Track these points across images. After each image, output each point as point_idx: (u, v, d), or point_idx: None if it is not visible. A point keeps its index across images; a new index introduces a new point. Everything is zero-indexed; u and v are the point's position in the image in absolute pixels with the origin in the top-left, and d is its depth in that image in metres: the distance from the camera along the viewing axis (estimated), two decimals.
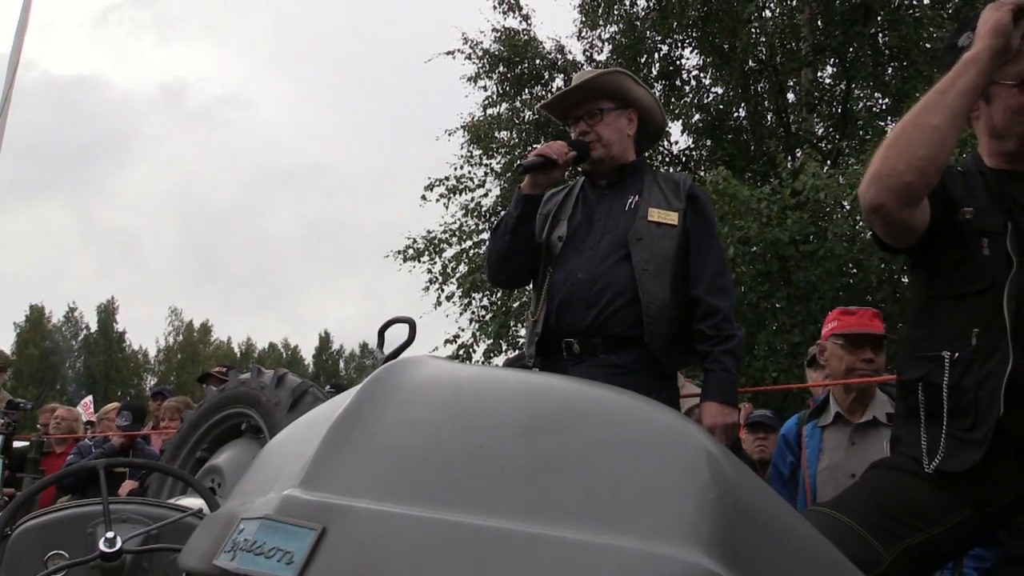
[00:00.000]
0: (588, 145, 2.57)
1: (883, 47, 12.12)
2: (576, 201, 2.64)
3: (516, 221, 2.53)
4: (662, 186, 2.56)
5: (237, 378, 4.29)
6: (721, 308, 2.38)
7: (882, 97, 12.81)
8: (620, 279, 2.40)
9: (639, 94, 2.64)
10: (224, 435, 4.28)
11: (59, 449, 5.94)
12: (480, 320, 12.44)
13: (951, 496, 1.59)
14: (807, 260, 8.65)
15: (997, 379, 1.57)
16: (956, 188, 1.74)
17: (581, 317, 2.41)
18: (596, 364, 2.38)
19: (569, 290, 2.45)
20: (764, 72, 12.84)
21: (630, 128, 2.63)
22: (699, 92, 13.57)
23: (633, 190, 2.55)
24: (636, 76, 2.69)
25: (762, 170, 12.24)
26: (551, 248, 2.56)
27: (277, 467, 0.88)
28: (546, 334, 2.49)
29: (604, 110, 2.57)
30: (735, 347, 2.38)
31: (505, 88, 13.37)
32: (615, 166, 2.59)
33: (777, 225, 8.28)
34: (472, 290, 12.16)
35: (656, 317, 2.37)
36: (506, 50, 13.06)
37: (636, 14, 13.29)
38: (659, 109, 2.71)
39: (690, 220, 2.49)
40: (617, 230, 2.48)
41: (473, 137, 13.07)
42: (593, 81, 2.58)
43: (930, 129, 1.57)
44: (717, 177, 8.36)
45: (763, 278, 8.83)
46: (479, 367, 0.95)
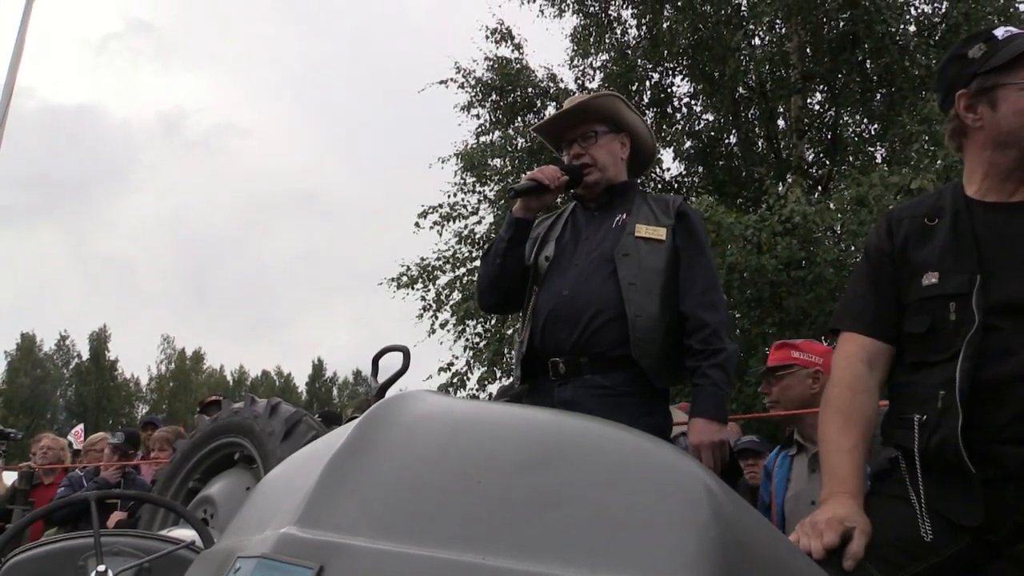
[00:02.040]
0: (582, 169, 2.56)
1: (870, 74, 12.25)
2: (565, 223, 2.63)
3: (507, 244, 2.51)
4: (652, 205, 2.54)
5: (230, 407, 4.26)
6: (710, 322, 2.32)
7: (870, 123, 12.94)
8: (605, 295, 2.36)
9: (631, 119, 2.64)
10: (217, 465, 4.24)
11: (48, 480, 5.87)
12: (474, 347, 12.40)
13: (951, 526, 1.59)
14: (798, 286, 8.67)
15: (953, 438, 1.56)
16: (921, 251, 1.73)
17: (566, 335, 2.36)
18: (582, 385, 2.33)
19: (554, 308, 2.40)
20: (754, 99, 12.94)
21: (623, 152, 2.63)
22: (690, 119, 13.67)
23: (622, 209, 2.54)
24: (627, 100, 2.68)
25: (753, 196, 12.31)
26: (538, 269, 2.54)
27: (273, 503, 0.87)
28: (531, 354, 2.45)
29: (598, 133, 2.57)
30: (724, 361, 2.30)
31: (498, 116, 13.44)
32: (606, 188, 2.58)
33: (767, 251, 8.31)
34: (466, 317, 12.13)
35: (644, 331, 2.31)
36: (499, 79, 13.15)
37: (627, 43, 13.43)
38: (650, 135, 2.70)
39: (679, 236, 2.45)
40: (604, 247, 2.45)
41: (466, 165, 13.11)
42: (587, 104, 2.58)
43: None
44: (702, 205, 8.40)
45: (754, 304, 8.85)
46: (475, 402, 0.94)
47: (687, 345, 2.34)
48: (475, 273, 12.71)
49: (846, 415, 1.68)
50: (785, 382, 3.14)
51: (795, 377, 3.13)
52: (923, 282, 1.69)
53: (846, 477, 1.60)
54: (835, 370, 1.79)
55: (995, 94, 1.68)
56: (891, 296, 1.75)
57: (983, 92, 1.70)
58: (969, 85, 1.72)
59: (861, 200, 8.29)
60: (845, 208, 8.58)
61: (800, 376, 3.13)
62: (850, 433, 1.66)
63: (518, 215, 2.52)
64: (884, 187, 8.14)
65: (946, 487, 1.60)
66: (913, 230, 1.76)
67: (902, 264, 1.74)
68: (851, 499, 1.56)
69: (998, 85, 1.66)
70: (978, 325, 1.59)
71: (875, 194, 8.08)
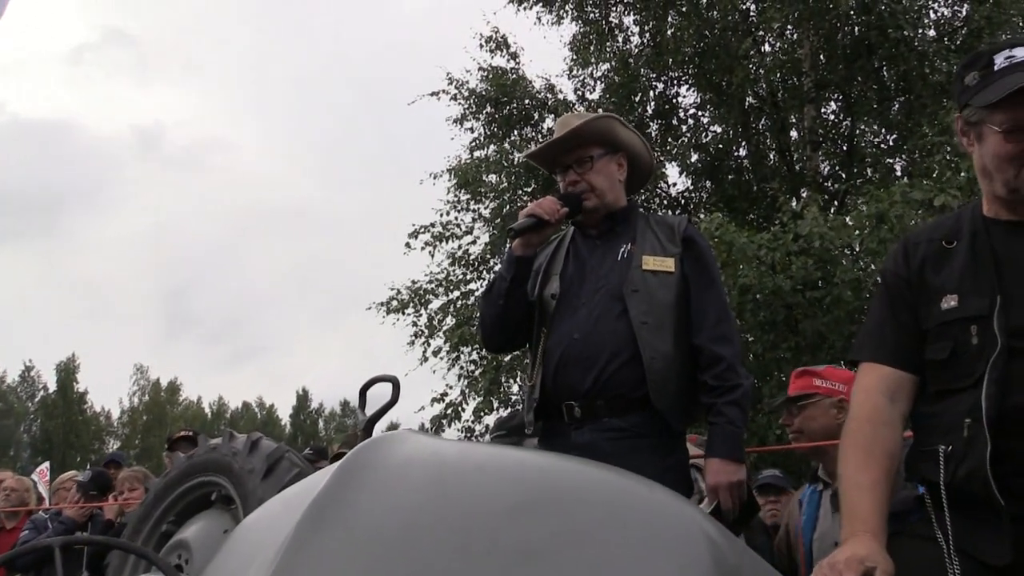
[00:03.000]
0: (580, 197, 2.59)
1: (887, 81, 12.34)
2: (567, 254, 2.65)
3: (510, 285, 2.54)
4: (656, 230, 2.58)
5: (207, 443, 4.23)
6: (724, 356, 2.38)
7: (888, 133, 13.01)
8: (618, 336, 2.41)
9: (628, 137, 2.68)
10: (192, 506, 4.21)
11: (10, 524, 5.82)
12: (469, 376, 12.37)
13: (980, 566, 1.59)
14: (814, 308, 8.68)
15: (981, 469, 1.57)
16: (939, 274, 1.76)
17: (580, 379, 2.41)
18: (599, 428, 2.38)
19: (565, 351, 2.45)
20: (765, 109, 13.02)
21: (620, 173, 2.67)
22: (697, 131, 13.74)
23: (625, 237, 2.58)
24: (624, 119, 2.73)
25: (765, 213, 12.34)
26: (544, 307, 2.57)
27: (250, 553, 0.87)
28: (544, 399, 2.49)
29: (594, 157, 2.61)
30: (740, 398, 2.37)
31: (493, 129, 13.49)
32: (607, 213, 2.62)
33: (782, 271, 8.33)
34: (460, 344, 12.10)
35: (660, 373, 2.37)
36: (493, 90, 13.20)
37: (629, 51, 13.52)
38: (647, 151, 2.75)
39: (688, 265, 2.50)
40: (611, 283, 2.49)
41: (460, 181, 13.14)
42: (581, 129, 2.62)
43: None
44: (712, 223, 8.41)
45: (768, 327, 8.86)
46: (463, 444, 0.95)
47: (701, 381, 2.41)
48: (470, 297, 12.77)
49: (866, 450, 1.69)
50: (807, 412, 3.15)
51: (818, 407, 3.13)
52: (942, 306, 1.71)
53: (867, 515, 1.60)
54: (854, 403, 1.80)
55: (981, 129, 1.74)
56: (911, 323, 1.77)
57: (971, 124, 1.77)
58: (963, 111, 1.79)
59: (881, 216, 8.32)
60: (864, 225, 8.61)
61: (823, 406, 3.13)
62: (871, 469, 1.66)
63: (518, 253, 2.55)
64: (905, 203, 8.17)
65: (974, 524, 1.60)
66: (930, 253, 1.79)
67: (920, 289, 1.77)
68: (872, 538, 1.57)
69: (982, 122, 1.72)
70: (1001, 348, 1.61)
71: (896, 212, 8.11)
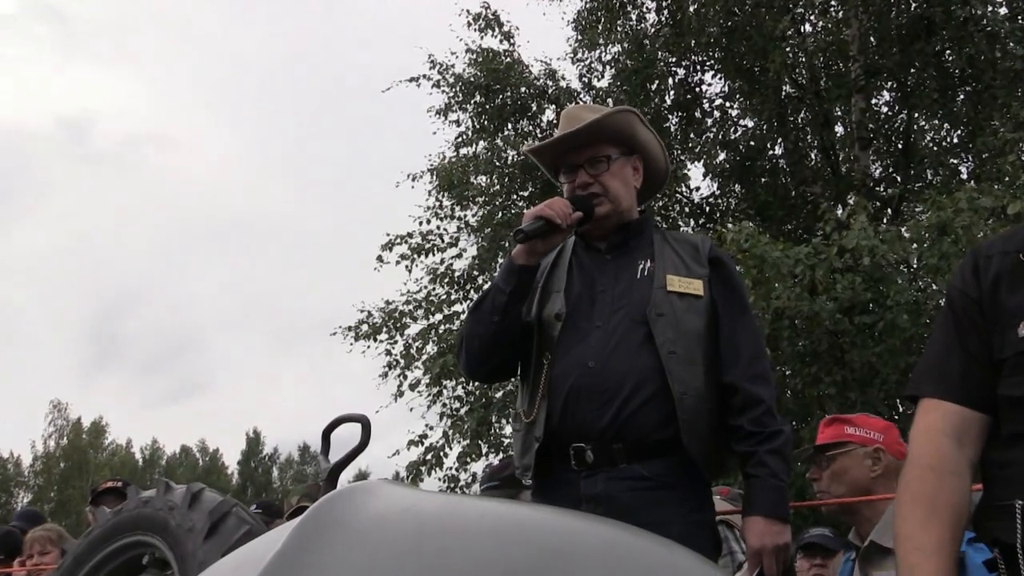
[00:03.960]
0: (592, 200, 2.61)
1: (951, 68, 12.43)
2: (570, 268, 2.66)
3: (508, 299, 2.53)
4: (675, 248, 2.62)
5: (138, 496, 4.22)
6: (763, 398, 2.41)
7: (952, 129, 13.10)
8: (643, 366, 2.42)
9: (646, 138, 2.71)
10: (120, 572, 4.20)
11: None
12: (453, 415, 12.36)
13: None
14: (863, 335, 8.70)
15: None
16: (1016, 294, 1.75)
17: (595, 417, 2.41)
18: (616, 476, 2.38)
19: (576, 382, 2.44)
20: (805, 100, 13.10)
21: (636, 179, 2.70)
22: (724, 126, 13.84)
23: (641, 253, 2.60)
24: (641, 115, 2.75)
25: (805, 222, 12.39)
26: (546, 329, 2.57)
27: None
28: (548, 440, 2.48)
29: (611, 158, 2.63)
30: (782, 446, 2.39)
31: (482, 122, 13.56)
32: (619, 224, 2.64)
33: (824, 292, 8.34)
34: (443, 376, 12.10)
35: (692, 412, 2.39)
36: (483, 76, 13.28)
37: (644, 31, 13.63)
38: (664, 155, 2.78)
39: (716, 289, 2.54)
40: (631, 303, 2.50)
41: (443, 183, 13.19)
42: (602, 123, 2.63)
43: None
44: (741, 234, 8.41)
45: (809, 359, 8.87)
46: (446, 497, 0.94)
47: (735, 426, 2.43)
48: (454, 320, 12.76)
49: (929, 504, 1.69)
50: (838, 464, 3.17)
51: (850, 458, 3.16)
52: (1020, 332, 1.71)
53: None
54: (914, 447, 1.79)
55: None
56: (981, 352, 1.77)
57: None
58: None
59: (943, 227, 8.35)
60: (922, 237, 8.65)
61: (856, 456, 3.16)
62: (935, 527, 1.66)
63: (520, 262, 2.54)
64: (972, 210, 8.21)
65: None
66: (1005, 269, 1.79)
67: (993, 311, 1.77)
68: None
69: None
70: None
71: (961, 221, 8.14)
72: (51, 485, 55.96)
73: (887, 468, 3.13)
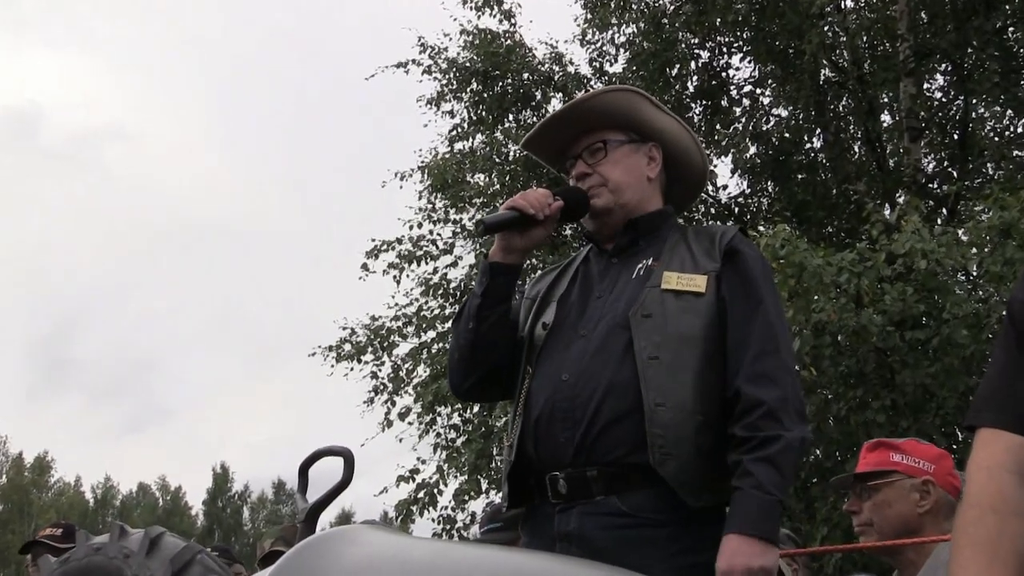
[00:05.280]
0: (585, 192, 2.60)
1: (1013, 47, 12.43)
2: (575, 276, 2.67)
3: (482, 302, 2.54)
4: (691, 243, 2.57)
5: (88, 542, 4.23)
6: (764, 400, 2.33)
7: (1015, 116, 13.09)
8: (618, 376, 2.38)
9: (663, 123, 2.68)
10: None
11: None
12: (449, 447, 12.34)
13: None
14: (916, 353, 8.69)
15: None
16: None
17: (567, 438, 2.37)
18: (592, 510, 2.33)
19: (550, 398, 2.43)
20: (847, 86, 13.11)
21: (651, 170, 2.66)
22: (755, 116, 13.84)
23: (650, 252, 2.58)
24: (653, 97, 2.72)
25: (848, 224, 12.37)
26: (534, 340, 2.58)
27: None
28: (522, 466, 2.47)
29: (608, 143, 2.61)
30: (777, 453, 2.29)
31: (480, 113, 13.58)
32: (626, 221, 2.62)
33: (871, 304, 8.33)
34: (437, 403, 12.09)
35: (666, 426, 2.32)
36: (481, 60, 13.30)
37: (663, 9, 13.63)
38: (695, 143, 2.75)
39: (727, 285, 2.48)
40: (618, 307, 2.48)
41: (436, 182, 13.18)
42: (592, 102, 2.63)
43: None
44: (776, 238, 8.40)
45: (854, 380, 8.85)
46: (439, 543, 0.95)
47: (730, 435, 2.35)
48: (448, 339, 12.69)
49: (991, 549, 1.69)
50: (881, 496, 3.16)
51: (895, 489, 3.14)
52: None
53: None
54: (972, 484, 1.79)
55: None
56: None
57: None
58: None
59: (1006, 229, 8.34)
60: (983, 240, 8.64)
61: (902, 488, 3.14)
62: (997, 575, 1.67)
63: (495, 259, 2.57)
64: None
65: None
66: None
67: None
68: None
69: None
70: None
71: None
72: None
73: (936, 503, 3.12)
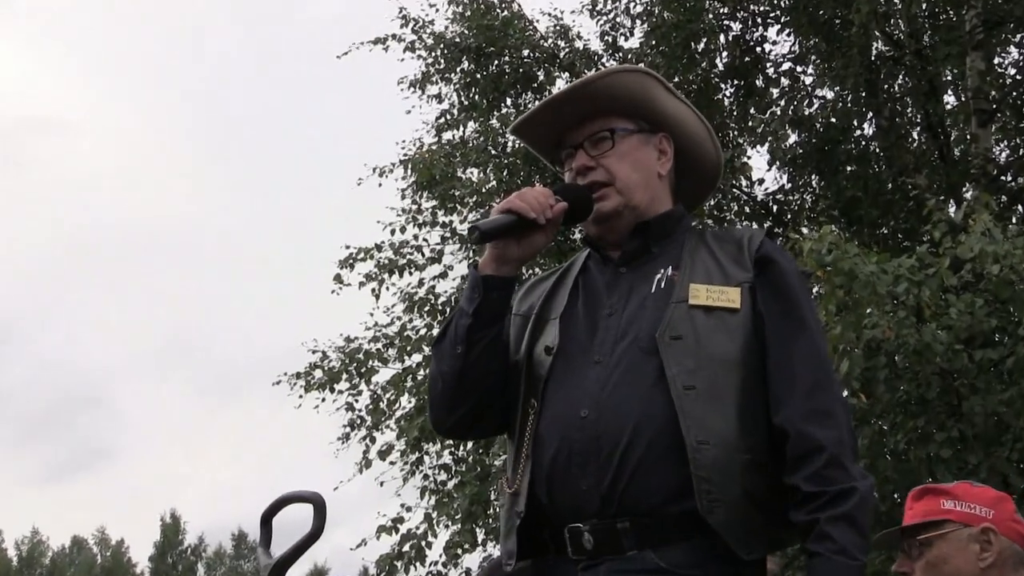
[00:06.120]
0: (589, 190, 2.61)
1: None
2: (575, 288, 2.68)
3: (473, 322, 2.54)
4: (713, 249, 2.60)
5: None
6: (824, 443, 2.35)
7: None
8: (649, 410, 2.39)
9: (676, 109, 2.70)
10: None
11: None
12: (438, 491, 12.35)
13: None
14: (988, 376, 8.68)
15: None
16: None
17: (591, 485, 2.39)
18: (624, 568, 2.35)
19: (566, 439, 2.44)
20: (903, 62, 13.14)
21: (662, 165, 2.69)
22: (795, 98, 13.86)
23: (666, 261, 2.60)
24: (665, 80, 2.73)
25: (906, 224, 12.37)
26: (535, 368, 2.58)
27: None
28: (533, 517, 2.48)
29: (617, 132, 2.63)
30: (854, 509, 2.32)
31: (473, 97, 13.64)
32: (635, 225, 2.64)
33: (934, 318, 8.33)
34: (423, 439, 12.11)
35: (713, 467, 2.35)
36: (474, 35, 13.37)
37: None
38: (709, 134, 2.77)
39: (764, 299, 2.50)
40: (640, 327, 2.49)
41: (421, 178, 13.22)
42: (599, 84, 2.64)
43: None
44: (822, 241, 8.41)
45: (914, 408, 8.85)
46: None
47: (790, 485, 2.38)
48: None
49: None
50: (934, 552, 3.18)
51: (950, 542, 3.17)
52: None
53: None
54: None
55: None
56: None
57: None
58: None
59: None
60: None
61: (958, 540, 3.16)
62: None
63: (487, 271, 2.56)
64: None
65: None
66: None
67: None
68: None
69: None
70: None
71: None
72: None
73: (1001, 555, 3.14)
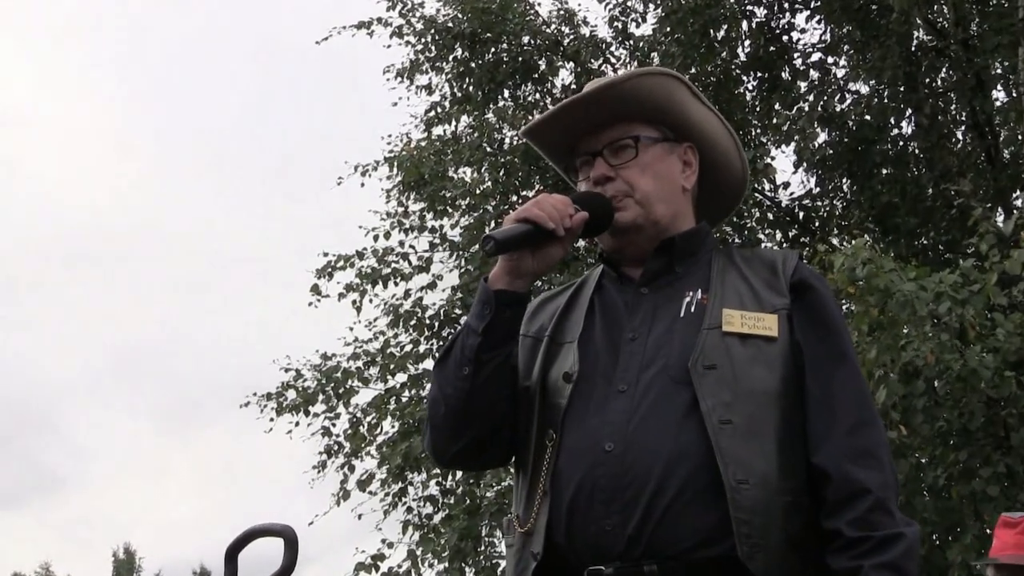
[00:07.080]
0: (610, 202, 2.63)
1: None
2: (591, 309, 2.70)
3: (483, 341, 2.56)
4: (744, 271, 2.63)
5: None
6: (870, 486, 2.40)
7: None
8: (684, 446, 2.42)
9: (702, 117, 2.73)
10: None
11: None
12: (423, 526, 12.34)
13: None
14: None
15: None
16: None
17: (616, 524, 2.41)
18: None
19: (589, 474, 2.46)
20: (946, 53, 13.14)
21: (686, 177, 2.72)
22: (825, 93, 13.86)
23: (692, 282, 2.63)
24: (692, 84, 2.74)
25: (948, 236, 12.37)
26: (551, 396, 2.60)
27: None
28: (552, 558, 2.49)
29: (640, 140, 2.65)
30: (900, 557, 2.36)
31: (466, 88, 13.64)
32: (659, 241, 2.66)
33: (979, 340, 8.34)
34: (408, 468, 12.09)
35: (756, 509, 2.38)
36: (468, 20, 13.35)
37: None
38: (736, 145, 2.80)
39: (801, 326, 2.54)
40: (669, 355, 2.52)
41: (408, 178, 13.19)
42: (625, 87, 2.66)
43: None
44: (857, 254, 8.41)
45: (958, 439, 8.85)
46: None
47: (830, 529, 2.41)
48: (423, 383, 12.67)
49: None
50: None
51: None
52: None
53: None
54: None
55: None
56: None
57: None
58: None
59: None
60: None
61: None
62: None
63: (499, 286, 2.58)
64: None
65: None
66: None
67: None
68: None
69: None
70: None
71: None
72: None
73: None
